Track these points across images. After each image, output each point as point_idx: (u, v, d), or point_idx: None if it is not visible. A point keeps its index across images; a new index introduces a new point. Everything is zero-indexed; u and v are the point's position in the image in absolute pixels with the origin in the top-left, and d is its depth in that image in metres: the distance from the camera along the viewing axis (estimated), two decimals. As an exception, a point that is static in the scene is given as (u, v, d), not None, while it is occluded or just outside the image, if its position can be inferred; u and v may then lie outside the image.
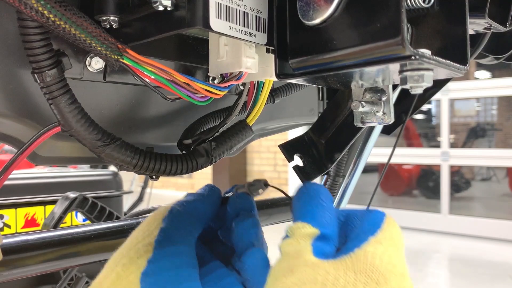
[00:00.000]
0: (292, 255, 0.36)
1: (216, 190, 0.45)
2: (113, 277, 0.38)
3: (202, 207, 0.43)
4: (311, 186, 0.40)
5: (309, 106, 0.76)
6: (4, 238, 0.49)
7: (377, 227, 0.37)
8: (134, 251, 0.39)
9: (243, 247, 0.42)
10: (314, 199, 0.39)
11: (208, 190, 0.45)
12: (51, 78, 0.37)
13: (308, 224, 0.37)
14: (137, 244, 0.40)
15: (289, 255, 0.36)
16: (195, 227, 0.42)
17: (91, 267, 1.15)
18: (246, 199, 0.45)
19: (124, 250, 0.40)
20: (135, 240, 0.40)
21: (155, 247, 0.39)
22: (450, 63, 0.33)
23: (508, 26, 0.48)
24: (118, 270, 0.38)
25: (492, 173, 5.53)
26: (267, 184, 0.46)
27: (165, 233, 0.40)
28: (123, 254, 0.39)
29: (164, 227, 0.40)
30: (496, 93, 4.91)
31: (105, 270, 0.39)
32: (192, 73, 0.51)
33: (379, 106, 0.42)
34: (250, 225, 0.43)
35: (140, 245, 0.39)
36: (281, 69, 0.38)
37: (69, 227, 0.58)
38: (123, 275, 0.38)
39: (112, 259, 0.40)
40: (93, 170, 1.60)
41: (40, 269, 0.51)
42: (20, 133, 0.44)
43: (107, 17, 0.37)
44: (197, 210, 0.43)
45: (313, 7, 0.33)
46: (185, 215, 0.42)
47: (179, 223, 0.41)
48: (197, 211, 0.43)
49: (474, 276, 3.42)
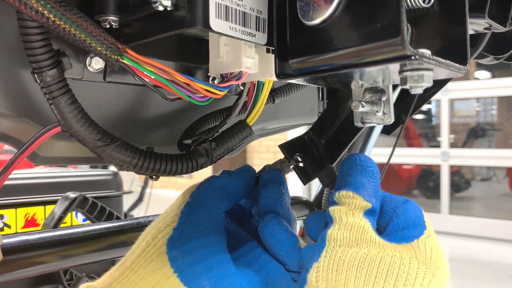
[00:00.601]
0: (354, 227, 0.36)
1: (250, 169, 0.47)
2: (143, 245, 0.42)
3: (232, 184, 0.45)
4: (364, 158, 0.40)
5: (309, 106, 0.76)
6: (4, 238, 0.49)
7: (423, 220, 0.39)
8: (162, 223, 0.43)
9: (264, 213, 0.44)
10: (367, 171, 0.40)
11: (241, 169, 0.46)
12: (51, 78, 0.37)
13: (360, 196, 0.38)
14: (165, 217, 0.44)
15: (350, 226, 0.36)
16: (221, 201, 0.43)
17: (91, 267, 1.15)
18: (276, 173, 0.47)
19: (154, 222, 0.44)
20: (164, 214, 0.44)
21: (180, 217, 0.43)
22: (450, 63, 0.33)
23: (508, 26, 0.48)
24: (148, 239, 0.42)
25: (492, 173, 5.52)
26: (298, 160, 0.47)
27: (191, 206, 0.43)
28: (153, 226, 0.44)
29: (191, 201, 0.43)
30: (496, 93, 4.91)
31: (138, 240, 0.44)
32: (192, 73, 0.51)
33: (379, 106, 0.42)
34: (275, 194, 0.44)
35: (168, 217, 0.43)
36: (281, 69, 0.38)
37: (69, 227, 0.58)
38: (152, 242, 0.42)
39: (144, 231, 0.44)
40: (93, 170, 1.60)
41: (40, 269, 0.51)
42: (20, 133, 0.45)
43: (107, 17, 0.37)
44: (226, 186, 0.44)
45: (313, 7, 0.33)
46: (212, 190, 0.44)
47: (206, 197, 0.43)
48: (225, 187, 0.44)
49: (474, 276, 3.41)
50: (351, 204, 0.37)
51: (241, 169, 0.46)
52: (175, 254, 0.40)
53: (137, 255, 0.42)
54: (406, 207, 0.39)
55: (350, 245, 0.35)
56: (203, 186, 0.44)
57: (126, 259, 0.43)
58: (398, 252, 0.35)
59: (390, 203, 0.40)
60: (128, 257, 0.43)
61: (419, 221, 0.38)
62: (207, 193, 0.43)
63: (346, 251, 0.35)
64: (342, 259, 0.34)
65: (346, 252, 0.35)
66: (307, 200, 0.90)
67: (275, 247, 0.42)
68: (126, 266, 0.42)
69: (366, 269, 0.34)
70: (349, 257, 0.34)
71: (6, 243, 0.49)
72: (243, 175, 0.46)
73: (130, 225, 0.59)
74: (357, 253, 0.34)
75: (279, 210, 0.43)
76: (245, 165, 0.47)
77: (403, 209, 0.39)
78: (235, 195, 0.45)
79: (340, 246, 0.35)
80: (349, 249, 0.35)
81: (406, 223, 0.38)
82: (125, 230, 0.58)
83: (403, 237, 0.37)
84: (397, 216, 0.39)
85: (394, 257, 0.34)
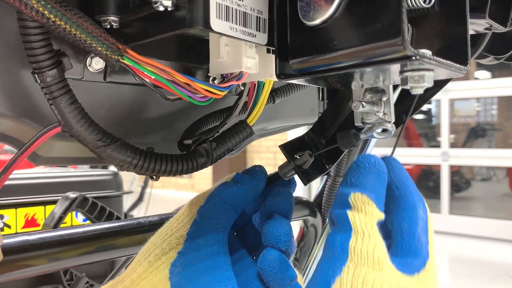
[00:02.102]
0: (376, 246, 0.34)
1: (262, 176, 0.45)
2: (145, 265, 0.40)
3: (242, 194, 0.42)
4: (381, 162, 0.37)
5: (310, 106, 0.76)
6: (4, 238, 0.49)
7: (426, 243, 0.37)
8: (166, 243, 0.41)
9: (266, 246, 0.41)
10: (382, 177, 0.37)
11: (254, 174, 0.44)
12: (51, 78, 0.37)
13: (375, 205, 0.35)
14: (171, 236, 0.41)
15: (373, 244, 0.34)
16: (229, 217, 0.42)
17: (91, 268, 1.15)
18: (287, 199, 0.44)
19: (158, 240, 0.42)
20: (170, 231, 0.42)
21: (186, 239, 0.41)
22: (450, 63, 0.33)
23: (508, 26, 0.48)
24: (151, 259, 0.40)
25: (492, 173, 5.52)
26: (312, 155, 0.46)
27: (198, 226, 0.41)
28: (157, 245, 0.41)
29: (198, 219, 0.41)
30: (496, 93, 4.91)
31: (139, 257, 0.42)
32: (192, 73, 0.51)
33: (379, 106, 0.42)
34: (282, 227, 0.41)
35: (173, 238, 0.41)
36: (281, 69, 0.38)
37: (69, 227, 0.58)
38: (155, 264, 0.40)
39: (146, 247, 0.42)
40: (93, 170, 1.60)
41: (40, 269, 0.51)
42: (20, 133, 0.44)
43: (107, 17, 0.37)
44: (235, 197, 0.42)
45: (314, 8, 0.33)
46: (221, 206, 0.41)
47: (214, 214, 0.41)
48: (235, 199, 0.42)
49: (474, 276, 3.41)
50: (368, 213, 0.35)
51: (254, 175, 0.44)
52: (178, 280, 0.38)
53: (138, 275, 0.40)
54: (411, 223, 0.37)
55: (371, 267, 0.33)
56: (211, 200, 0.42)
57: (125, 276, 0.41)
58: (411, 285, 0.34)
59: (397, 212, 0.38)
60: (128, 275, 0.41)
61: (422, 246, 0.37)
62: (216, 211, 0.41)
63: (369, 273, 0.33)
64: (366, 282, 0.33)
65: (369, 274, 0.33)
66: (307, 200, 0.90)
67: (272, 283, 0.40)
68: (125, 285, 0.40)
69: None
70: (372, 281, 0.33)
71: (6, 243, 0.49)
72: (255, 183, 0.44)
73: (130, 225, 0.59)
74: (378, 278, 0.33)
75: (282, 246, 0.41)
76: (259, 170, 0.45)
77: (408, 227, 0.37)
78: (243, 206, 0.43)
79: (363, 266, 0.33)
80: (371, 271, 0.33)
81: (410, 247, 0.36)
82: (125, 230, 0.58)
83: (408, 265, 0.35)
84: (402, 236, 0.37)
85: (397, 285, 0.33)
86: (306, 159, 0.46)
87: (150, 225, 0.59)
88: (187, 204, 0.44)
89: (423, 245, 0.37)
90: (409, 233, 0.37)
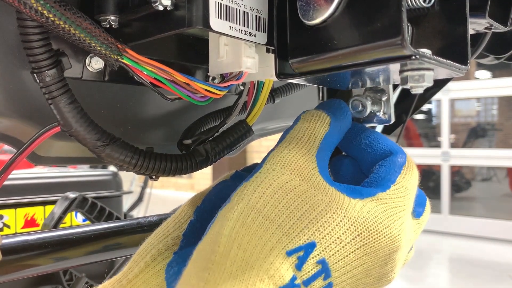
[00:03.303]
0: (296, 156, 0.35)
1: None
2: (142, 266, 0.40)
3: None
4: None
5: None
6: (4, 238, 0.49)
7: (393, 176, 0.38)
8: (163, 244, 0.41)
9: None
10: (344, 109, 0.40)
11: (252, 170, 0.44)
12: (50, 78, 0.37)
13: (328, 116, 0.38)
14: (167, 236, 0.42)
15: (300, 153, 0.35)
16: None
17: (90, 268, 1.15)
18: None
19: (154, 240, 0.42)
20: (166, 232, 0.42)
21: (182, 240, 0.41)
22: (450, 63, 0.33)
23: (508, 26, 0.48)
24: (147, 259, 0.41)
25: (492, 173, 5.52)
26: None
27: (194, 226, 0.41)
28: (153, 245, 0.42)
29: (194, 220, 0.42)
30: (496, 93, 4.91)
31: (136, 257, 0.42)
32: (192, 73, 0.51)
33: (379, 106, 0.42)
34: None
35: (169, 238, 0.41)
36: (281, 69, 0.38)
37: (69, 227, 0.58)
38: (151, 264, 0.40)
39: (143, 248, 0.42)
40: (93, 170, 1.60)
41: (39, 269, 0.51)
42: (20, 133, 0.44)
43: (106, 17, 0.37)
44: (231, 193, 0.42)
45: (314, 7, 0.33)
46: (218, 205, 0.41)
47: (210, 213, 0.41)
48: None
49: (474, 276, 3.41)
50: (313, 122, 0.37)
51: (248, 169, 0.45)
52: (174, 281, 0.39)
53: (134, 275, 0.40)
54: (392, 165, 0.38)
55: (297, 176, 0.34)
56: (208, 200, 0.42)
57: (122, 276, 0.42)
58: (328, 197, 0.33)
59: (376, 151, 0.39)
60: (125, 275, 0.41)
61: (380, 180, 0.36)
62: (212, 211, 0.41)
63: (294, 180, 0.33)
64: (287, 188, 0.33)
65: (293, 181, 0.33)
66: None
67: None
68: (122, 285, 0.41)
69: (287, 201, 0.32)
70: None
71: (6, 243, 0.49)
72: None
73: (129, 226, 0.59)
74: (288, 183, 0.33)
75: None
76: (253, 165, 0.45)
77: (387, 167, 0.38)
78: None
79: (274, 170, 0.34)
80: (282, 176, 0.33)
81: (370, 179, 0.37)
82: (124, 230, 0.58)
83: (357, 191, 0.35)
84: (377, 173, 0.37)
85: (320, 200, 0.32)
86: None
87: (149, 225, 0.59)
88: (184, 204, 0.44)
89: (383, 180, 0.37)
90: (375, 172, 0.38)
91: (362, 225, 0.33)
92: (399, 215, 0.35)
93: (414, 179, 0.38)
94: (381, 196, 0.35)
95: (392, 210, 0.35)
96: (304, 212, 0.32)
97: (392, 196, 0.35)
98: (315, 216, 0.32)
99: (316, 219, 0.32)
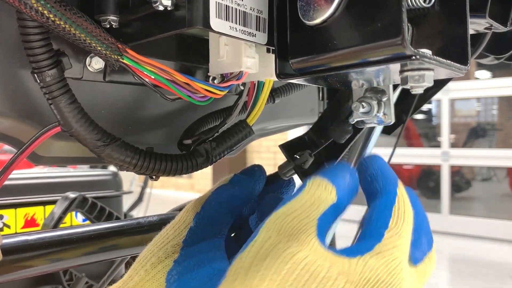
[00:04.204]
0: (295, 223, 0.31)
1: (259, 176, 0.44)
2: (142, 274, 0.40)
3: (239, 196, 0.42)
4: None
5: (310, 106, 0.76)
6: (4, 238, 0.49)
7: (385, 224, 0.34)
8: (163, 251, 0.41)
9: None
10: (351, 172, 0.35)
11: (252, 174, 0.43)
12: (51, 78, 0.37)
13: (333, 187, 0.33)
14: (167, 243, 0.41)
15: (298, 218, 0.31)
16: (226, 221, 0.41)
17: (91, 268, 1.15)
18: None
19: (154, 248, 0.42)
20: (166, 239, 0.42)
21: (182, 247, 0.40)
22: (450, 63, 0.33)
23: (509, 26, 0.48)
24: (147, 267, 0.40)
25: (492, 173, 5.52)
26: (312, 154, 0.46)
27: (193, 233, 0.41)
28: (154, 252, 0.41)
29: (193, 226, 0.41)
30: (496, 93, 4.91)
31: (136, 265, 0.41)
32: (192, 73, 0.51)
33: (379, 106, 0.42)
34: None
35: (169, 246, 0.41)
36: (281, 69, 0.38)
37: (69, 227, 0.58)
38: (151, 272, 0.40)
39: (143, 255, 0.42)
40: (93, 170, 1.60)
41: (40, 269, 0.51)
42: (20, 133, 0.44)
43: (107, 17, 0.37)
44: (232, 201, 0.41)
45: (314, 7, 0.33)
46: (218, 210, 0.41)
47: (210, 220, 0.41)
48: (232, 201, 0.41)
49: (474, 276, 3.41)
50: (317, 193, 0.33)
51: (252, 175, 0.43)
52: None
53: (134, 283, 0.40)
54: (373, 210, 0.34)
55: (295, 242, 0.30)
56: (207, 206, 0.41)
57: (123, 284, 0.41)
58: (329, 262, 0.30)
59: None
60: (125, 283, 0.41)
61: (372, 231, 0.33)
62: (211, 217, 0.41)
63: (292, 247, 0.30)
64: (282, 251, 0.29)
65: (291, 248, 0.29)
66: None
67: None
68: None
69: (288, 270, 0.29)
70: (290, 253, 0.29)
71: (6, 243, 0.49)
72: (252, 185, 0.43)
73: (129, 226, 0.59)
74: (300, 253, 0.29)
75: None
76: (257, 170, 0.44)
77: (369, 214, 0.34)
78: (240, 208, 0.42)
79: (270, 238, 0.30)
80: (293, 246, 0.30)
81: (363, 232, 0.33)
82: (124, 230, 0.58)
83: (350, 249, 0.32)
84: (369, 221, 0.34)
85: (320, 266, 0.29)
86: (306, 159, 0.46)
87: (149, 225, 0.59)
88: (184, 210, 0.43)
89: (375, 228, 0.33)
90: (367, 220, 0.34)
91: (365, 287, 0.31)
92: (400, 267, 0.33)
93: (406, 222, 0.36)
94: (379, 248, 0.32)
95: (392, 263, 0.32)
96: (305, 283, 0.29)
97: (389, 245, 0.33)
98: (316, 286, 0.30)
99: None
